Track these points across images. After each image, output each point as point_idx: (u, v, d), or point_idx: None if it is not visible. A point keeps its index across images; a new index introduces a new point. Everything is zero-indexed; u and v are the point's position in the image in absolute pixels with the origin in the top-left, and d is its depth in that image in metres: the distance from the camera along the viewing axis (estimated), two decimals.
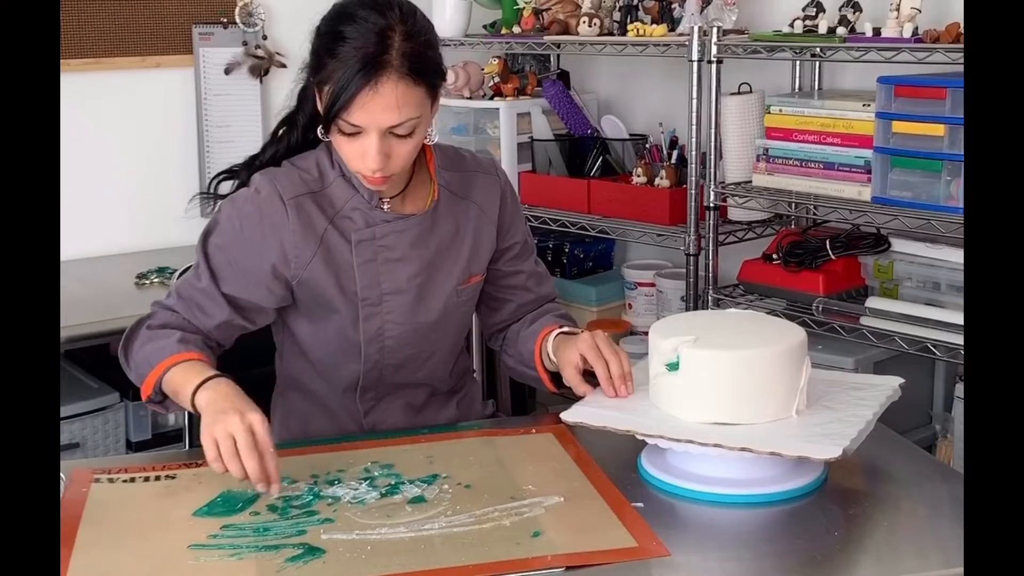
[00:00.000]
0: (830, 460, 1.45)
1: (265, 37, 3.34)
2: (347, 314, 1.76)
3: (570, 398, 1.73)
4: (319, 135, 1.70)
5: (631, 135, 3.22)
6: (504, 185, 1.89)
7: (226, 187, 1.86)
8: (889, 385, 1.68)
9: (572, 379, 1.73)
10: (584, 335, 1.74)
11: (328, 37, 1.66)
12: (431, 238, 1.79)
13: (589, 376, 1.72)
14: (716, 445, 1.48)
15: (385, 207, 1.76)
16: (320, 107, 1.68)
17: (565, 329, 1.83)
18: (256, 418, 1.53)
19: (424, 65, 1.64)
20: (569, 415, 1.62)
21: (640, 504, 1.49)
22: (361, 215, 1.75)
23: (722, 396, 1.54)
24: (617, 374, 1.68)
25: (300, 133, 1.80)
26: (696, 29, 2.66)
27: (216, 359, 1.73)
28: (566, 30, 3.03)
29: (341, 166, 1.75)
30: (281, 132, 1.83)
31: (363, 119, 1.61)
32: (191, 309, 1.75)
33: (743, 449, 1.46)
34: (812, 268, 2.58)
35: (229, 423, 1.51)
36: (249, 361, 2.04)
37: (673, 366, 1.56)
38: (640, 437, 1.55)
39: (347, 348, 1.79)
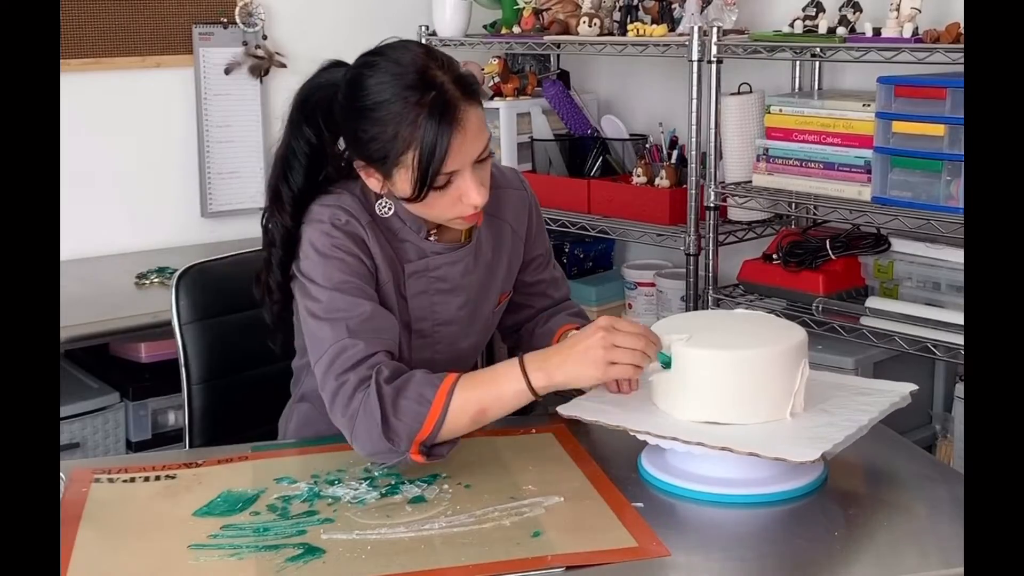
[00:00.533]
0: (805, 463, 1.44)
1: (265, 37, 3.34)
2: (401, 338, 1.68)
3: (569, 396, 1.73)
4: (407, 205, 1.61)
5: (631, 135, 3.23)
6: (531, 199, 1.86)
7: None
8: (897, 392, 1.66)
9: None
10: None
11: (365, 112, 1.56)
12: (478, 266, 1.76)
13: None
14: (699, 443, 1.47)
15: (432, 238, 1.71)
16: (390, 180, 1.59)
17: (578, 326, 1.81)
18: (605, 320, 1.52)
19: (474, 82, 1.60)
20: (565, 408, 1.62)
21: (640, 504, 1.49)
22: (412, 247, 1.69)
23: (714, 395, 1.53)
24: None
25: (291, 206, 1.67)
26: (696, 29, 2.66)
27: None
28: (566, 30, 3.03)
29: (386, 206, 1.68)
30: (276, 212, 1.68)
31: (458, 161, 1.55)
32: (384, 339, 1.60)
33: (723, 448, 1.46)
34: (812, 268, 2.58)
35: (601, 350, 1.49)
36: (242, 365, 2.05)
37: (666, 363, 1.56)
38: (631, 433, 1.55)
39: None
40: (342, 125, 1.63)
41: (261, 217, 1.72)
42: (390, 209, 1.67)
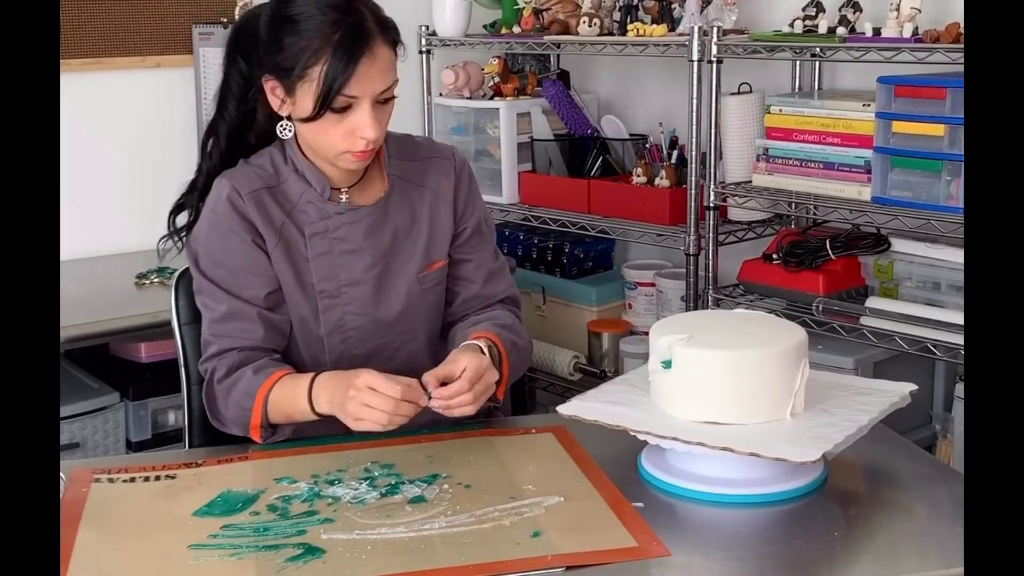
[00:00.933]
0: (806, 463, 1.44)
1: None
2: (307, 307, 1.78)
3: (566, 391, 1.73)
4: (298, 126, 1.70)
5: (631, 135, 3.22)
6: (460, 167, 1.88)
7: (182, 217, 1.90)
8: (897, 392, 1.66)
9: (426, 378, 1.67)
10: (479, 365, 1.66)
11: (286, 21, 1.66)
12: (385, 228, 1.80)
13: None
14: (699, 443, 1.47)
15: (343, 198, 1.78)
16: (293, 97, 1.68)
17: (492, 335, 1.78)
18: (364, 378, 1.59)
19: (394, 27, 1.70)
20: (565, 408, 1.62)
21: (640, 504, 1.49)
22: (315, 208, 1.76)
23: (714, 395, 1.53)
24: (445, 393, 1.63)
25: (225, 141, 1.81)
26: (696, 29, 2.66)
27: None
28: (566, 30, 3.03)
29: (294, 161, 1.77)
30: (210, 145, 1.82)
31: (360, 88, 1.63)
32: (235, 337, 1.75)
33: (724, 448, 1.46)
34: (812, 268, 2.58)
35: (352, 405, 1.59)
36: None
37: (667, 364, 1.56)
38: (631, 433, 1.55)
39: (311, 341, 1.80)
40: (263, 37, 1.70)
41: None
42: (290, 131, 1.74)
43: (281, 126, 1.74)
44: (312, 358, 1.81)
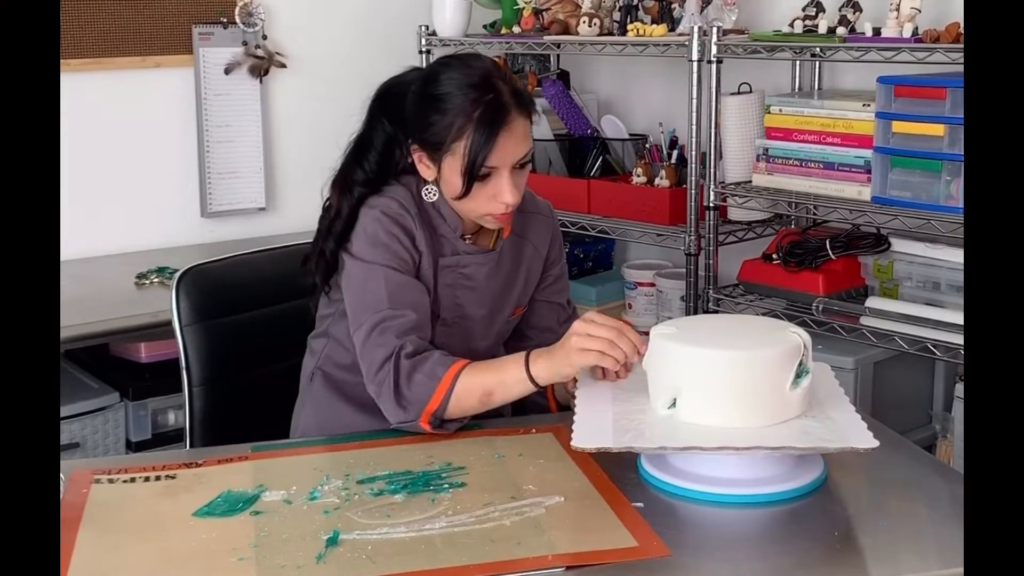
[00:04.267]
0: (869, 448, 1.45)
1: (265, 37, 3.34)
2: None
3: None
4: (457, 193, 1.75)
5: (631, 135, 3.23)
6: (555, 228, 2.01)
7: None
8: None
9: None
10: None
11: (432, 99, 1.74)
12: (499, 272, 1.90)
13: None
14: (757, 447, 1.48)
15: (466, 240, 1.87)
16: (440, 168, 1.76)
17: None
18: (586, 315, 1.66)
19: (529, 98, 1.80)
20: (578, 442, 1.52)
21: (640, 504, 1.49)
22: (447, 243, 1.85)
23: (735, 400, 1.53)
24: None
25: (362, 188, 1.83)
26: (696, 29, 2.66)
27: None
28: (566, 30, 3.03)
29: (432, 200, 1.83)
30: (352, 190, 1.83)
31: (499, 159, 1.73)
32: (408, 311, 1.75)
33: (686, 449, 1.47)
34: (812, 268, 2.58)
35: (575, 338, 1.64)
36: (243, 366, 2.05)
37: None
38: (636, 450, 1.54)
39: None
40: (410, 111, 1.79)
41: (325, 198, 1.87)
42: (435, 195, 1.82)
43: (426, 190, 1.82)
44: None
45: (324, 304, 1.92)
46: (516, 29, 3.17)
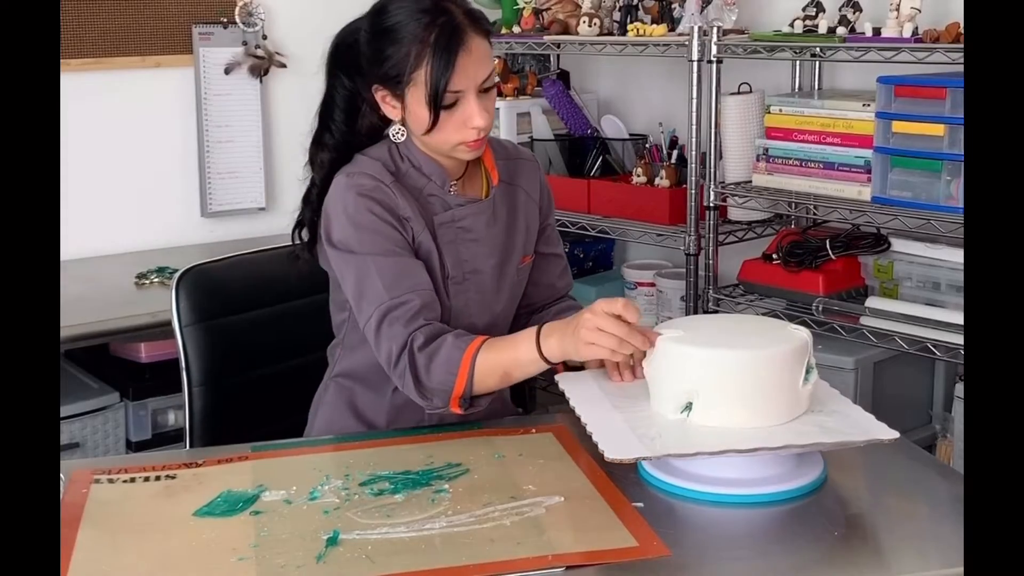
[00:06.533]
0: (890, 439, 1.46)
1: (265, 37, 3.34)
2: (439, 287, 1.80)
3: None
4: (412, 127, 1.75)
5: (631, 135, 3.22)
6: (542, 174, 1.99)
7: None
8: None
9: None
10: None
11: (384, 33, 1.72)
12: (497, 221, 1.87)
13: None
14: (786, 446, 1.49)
15: (453, 190, 1.83)
16: (404, 104, 1.73)
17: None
18: (601, 305, 1.60)
19: (483, 17, 1.76)
20: (612, 454, 1.48)
21: (640, 504, 1.49)
22: (438, 200, 1.81)
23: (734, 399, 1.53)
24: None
25: (334, 150, 1.82)
26: (696, 29, 2.66)
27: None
28: (566, 30, 3.03)
29: (409, 157, 1.81)
30: (320, 157, 1.83)
31: (463, 81, 1.70)
32: (420, 289, 1.72)
33: (722, 452, 1.46)
34: (812, 268, 2.58)
35: (585, 330, 1.60)
36: (243, 366, 2.05)
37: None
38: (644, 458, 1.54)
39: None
40: (365, 52, 1.76)
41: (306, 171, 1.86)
42: (403, 134, 1.79)
43: (394, 131, 1.79)
44: None
45: (336, 309, 1.90)
46: (516, 29, 3.17)
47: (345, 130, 1.83)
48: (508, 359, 1.68)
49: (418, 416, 1.82)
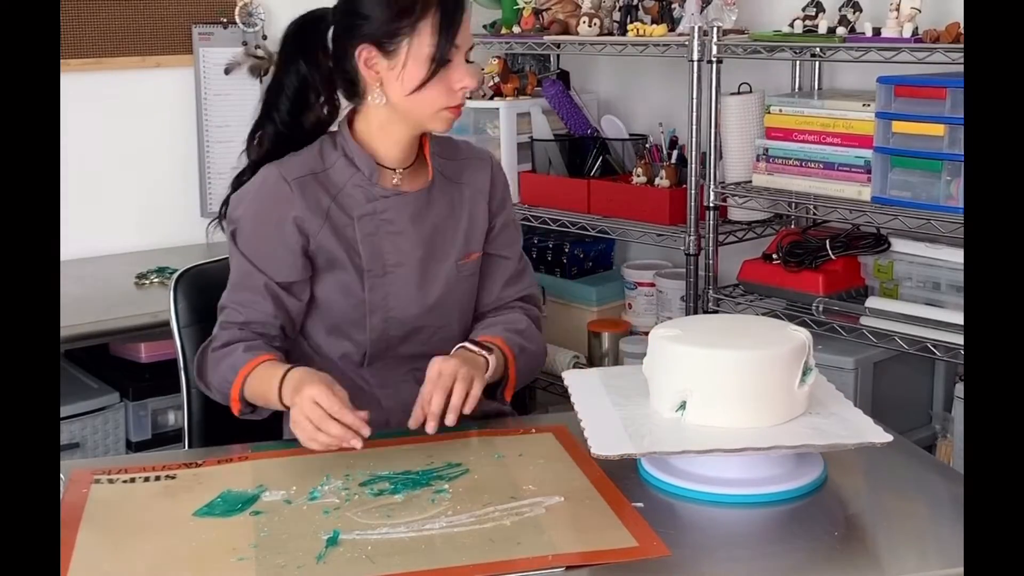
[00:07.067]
0: (883, 442, 1.45)
1: (265, 37, 3.34)
2: (356, 286, 1.81)
3: (565, 391, 1.72)
4: (392, 92, 1.75)
5: (631, 135, 3.22)
6: (495, 167, 1.96)
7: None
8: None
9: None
10: (443, 365, 1.69)
11: None
12: (428, 215, 1.85)
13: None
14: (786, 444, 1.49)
15: (396, 179, 1.83)
16: (395, 62, 1.72)
17: (474, 346, 1.80)
18: (312, 391, 1.60)
19: None
20: (599, 450, 1.49)
21: (640, 504, 1.49)
22: (362, 192, 1.81)
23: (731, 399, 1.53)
24: (432, 411, 1.66)
25: (272, 139, 1.83)
26: (696, 29, 2.66)
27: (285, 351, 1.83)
28: (566, 30, 3.03)
29: (344, 146, 1.81)
30: (256, 142, 1.85)
31: (463, 38, 1.74)
32: (241, 311, 1.80)
33: (709, 451, 1.47)
34: (812, 268, 2.58)
35: (294, 410, 1.61)
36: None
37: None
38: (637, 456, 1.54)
39: (355, 319, 1.82)
40: (359, 9, 1.73)
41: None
42: (382, 99, 1.77)
43: (373, 95, 1.77)
44: (352, 336, 1.84)
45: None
46: (516, 29, 3.17)
47: (288, 120, 1.83)
48: (265, 391, 1.71)
49: (368, 393, 1.85)
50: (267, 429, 1.88)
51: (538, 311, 1.98)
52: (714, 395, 1.52)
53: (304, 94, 1.82)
